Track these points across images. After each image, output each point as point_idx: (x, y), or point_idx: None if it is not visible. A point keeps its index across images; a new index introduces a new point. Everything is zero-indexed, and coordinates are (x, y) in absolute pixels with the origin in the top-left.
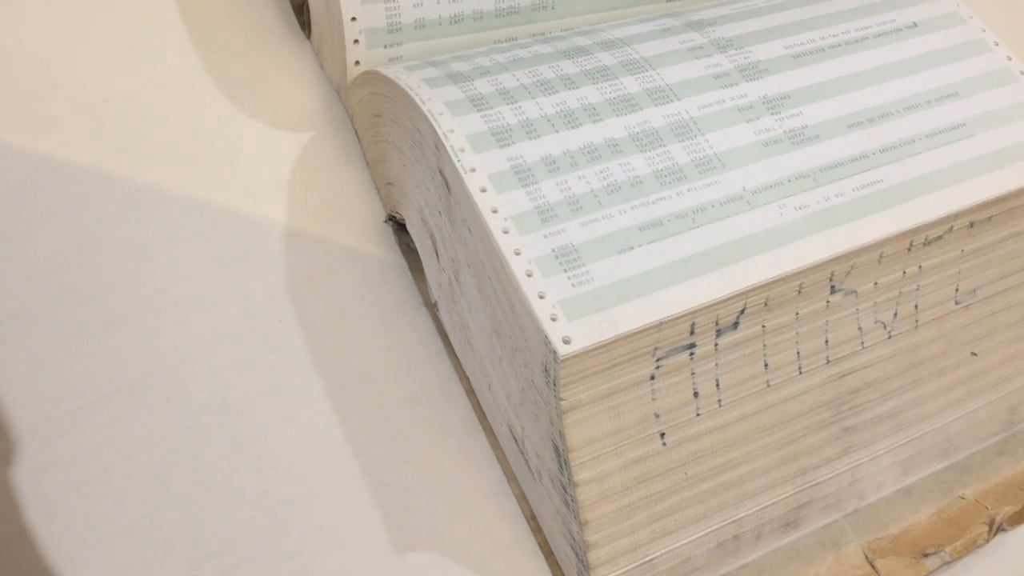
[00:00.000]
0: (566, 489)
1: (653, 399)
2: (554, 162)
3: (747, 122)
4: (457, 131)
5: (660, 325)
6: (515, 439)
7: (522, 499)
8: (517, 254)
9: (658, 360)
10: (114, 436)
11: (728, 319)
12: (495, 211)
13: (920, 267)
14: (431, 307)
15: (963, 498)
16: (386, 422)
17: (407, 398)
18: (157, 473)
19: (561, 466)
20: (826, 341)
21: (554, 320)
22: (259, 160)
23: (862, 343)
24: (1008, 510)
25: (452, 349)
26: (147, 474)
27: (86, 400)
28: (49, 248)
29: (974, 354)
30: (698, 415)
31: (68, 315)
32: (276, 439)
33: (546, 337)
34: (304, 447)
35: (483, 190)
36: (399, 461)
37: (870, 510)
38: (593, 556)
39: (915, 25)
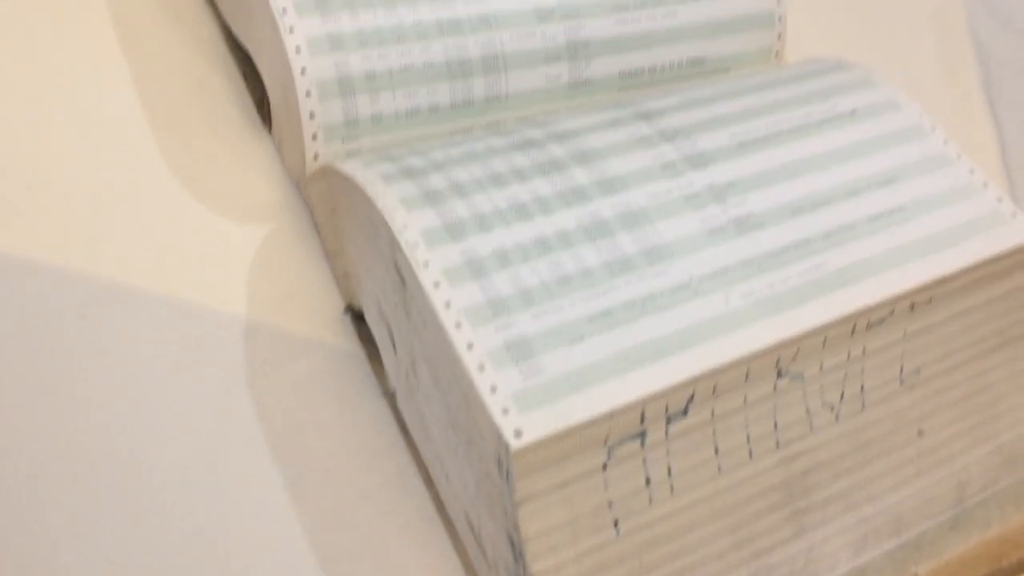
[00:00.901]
0: None
1: (606, 488)
2: (506, 255)
3: (693, 211)
4: (411, 226)
5: (611, 415)
6: (472, 530)
7: None
8: (470, 348)
9: (610, 449)
10: (65, 526)
11: (678, 406)
12: (448, 305)
13: (864, 349)
14: (389, 397)
15: (916, 575)
16: (344, 514)
17: (365, 489)
18: (110, 563)
19: (516, 557)
20: (775, 424)
21: (506, 413)
22: (219, 252)
23: (810, 425)
24: None
25: (410, 439)
26: (100, 565)
27: (38, 489)
28: (4, 342)
29: (921, 433)
30: (651, 502)
31: (22, 408)
32: (233, 533)
33: (498, 430)
34: (261, 541)
35: (436, 284)
36: (357, 554)
37: None
38: None
39: (854, 112)
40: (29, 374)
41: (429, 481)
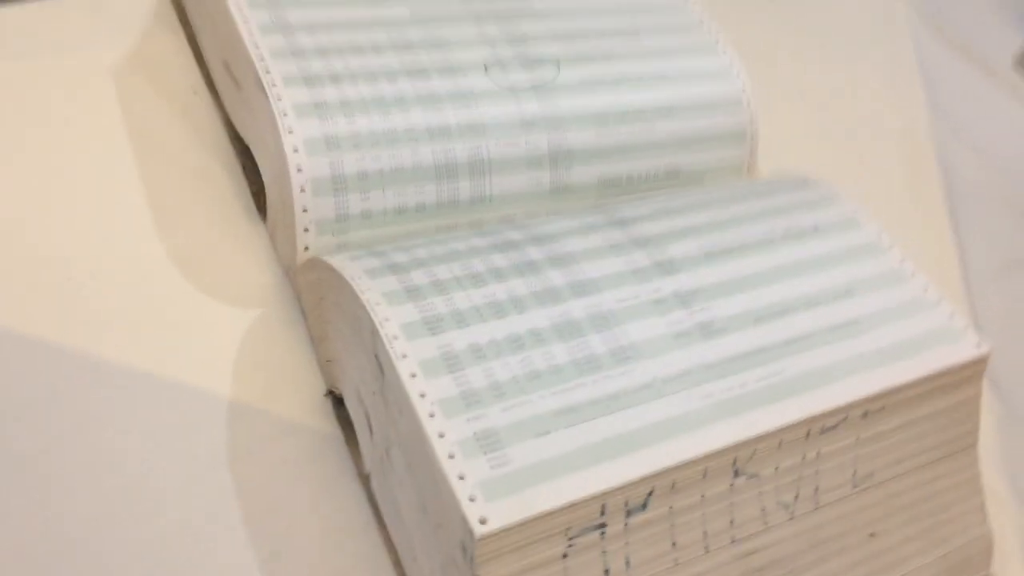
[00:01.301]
0: None
1: None
2: (480, 350)
3: (660, 315)
4: (392, 320)
5: (572, 506)
6: None
7: None
8: (441, 436)
9: (570, 539)
10: None
11: (637, 500)
12: (423, 395)
13: (818, 453)
14: (364, 479)
15: None
16: None
17: (337, 568)
18: None
19: None
20: (731, 521)
21: (472, 500)
22: (209, 333)
23: (765, 523)
24: None
25: (382, 520)
26: None
27: (23, 556)
28: (12, 397)
29: (873, 535)
30: None
31: (10, 477)
32: None
33: (464, 517)
34: None
35: (413, 375)
36: None
37: None
38: None
39: (816, 228)
40: (13, 447)
41: (398, 563)
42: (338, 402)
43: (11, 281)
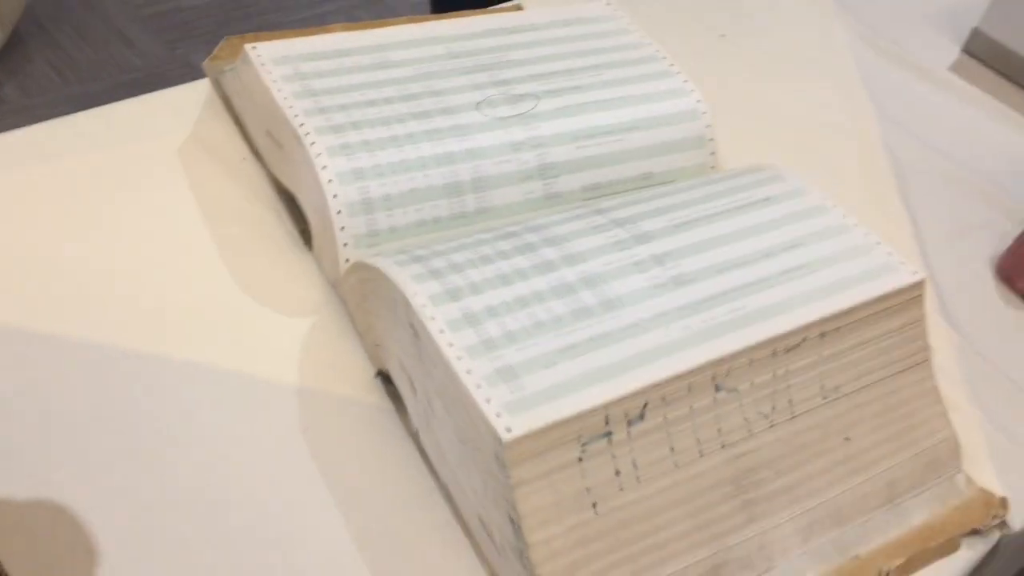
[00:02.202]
0: (522, 552)
1: (583, 476)
2: (494, 309)
3: (639, 272)
4: (420, 293)
5: (580, 416)
6: (484, 526)
7: None
8: (469, 373)
9: (583, 445)
10: (168, 543)
11: (635, 412)
12: (451, 344)
13: (787, 369)
14: (414, 437)
15: (857, 557)
16: (384, 525)
17: (399, 507)
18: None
19: (516, 534)
20: (719, 429)
21: (499, 416)
22: (276, 339)
23: (749, 431)
24: (896, 563)
25: (431, 466)
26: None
27: (143, 509)
28: (122, 406)
29: (848, 439)
30: (621, 489)
31: (143, 454)
32: (298, 543)
33: (493, 429)
34: (319, 548)
35: (441, 331)
36: (396, 555)
37: (780, 570)
38: None
39: (768, 199)
40: (134, 431)
41: (448, 497)
42: (387, 380)
43: (114, 312)
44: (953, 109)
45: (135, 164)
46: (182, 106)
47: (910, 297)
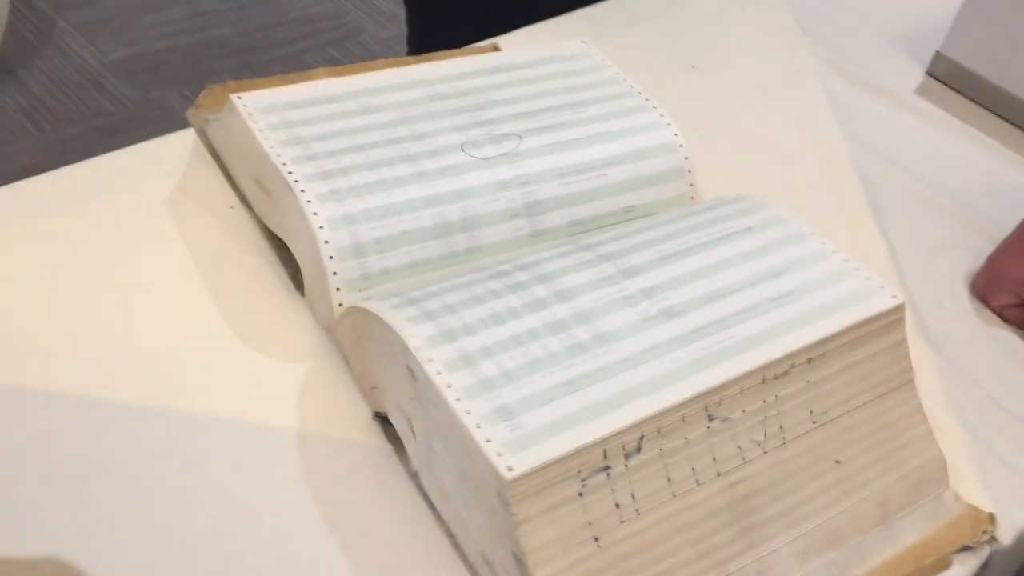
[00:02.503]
0: None
1: (584, 510)
2: (489, 349)
3: (629, 307)
4: (416, 335)
5: (579, 451)
6: (488, 563)
7: None
8: (468, 413)
9: (583, 480)
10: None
11: (632, 445)
12: (449, 386)
13: (776, 396)
14: (414, 476)
15: None
16: (390, 565)
17: (403, 547)
18: None
19: (521, 571)
20: (714, 458)
21: (500, 455)
22: (271, 385)
23: (743, 458)
24: None
25: (433, 505)
26: None
27: (150, 561)
28: (122, 459)
29: (838, 462)
30: (622, 522)
31: (147, 508)
32: None
33: (495, 468)
34: None
35: (439, 373)
36: None
37: None
38: None
39: (749, 228)
40: (142, 483)
41: (451, 535)
42: (384, 421)
43: (110, 364)
44: (921, 131)
45: (123, 216)
46: (167, 156)
47: (892, 320)
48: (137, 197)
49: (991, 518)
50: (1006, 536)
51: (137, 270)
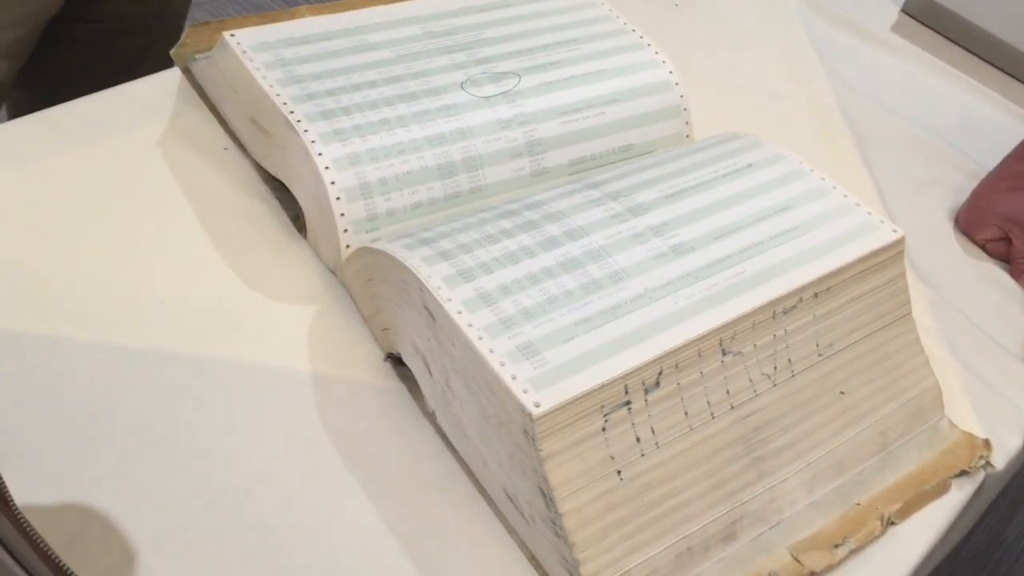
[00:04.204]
0: (555, 522)
1: (607, 445)
2: (506, 287)
3: (640, 244)
4: (434, 276)
5: (601, 388)
6: (510, 498)
7: (523, 546)
8: (491, 352)
9: (605, 415)
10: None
11: (651, 380)
12: (470, 325)
13: (785, 330)
14: (430, 416)
15: (859, 504)
16: (409, 503)
17: (422, 485)
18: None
19: (548, 504)
20: (727, 392)
21: (526, 392)
22: (282, 329)
23: (754, 391)
24: (894, 507)
25: (450, 444)
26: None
27: (171, 504)
28: (137, 406)
29: (842, 393)
30: (642, 455)
31: (164, 451)
32: (329, 530)
33: (522, 405)
34: (349, 531)
35: (459, 312)
36: (428, 531)
37: (790, 521)
38: (583, 571)
39: (751, 165)
40: (157, 430)
41: (470, 472)
42: (397, 362)
43: (117, 310)
44: (898, 69)
45: (116, 160)
46: (153, 96)
47: (893, 254)
48: (127, 140)
49: (987, 444)
50: (999, 461)
51: (134, 216)
